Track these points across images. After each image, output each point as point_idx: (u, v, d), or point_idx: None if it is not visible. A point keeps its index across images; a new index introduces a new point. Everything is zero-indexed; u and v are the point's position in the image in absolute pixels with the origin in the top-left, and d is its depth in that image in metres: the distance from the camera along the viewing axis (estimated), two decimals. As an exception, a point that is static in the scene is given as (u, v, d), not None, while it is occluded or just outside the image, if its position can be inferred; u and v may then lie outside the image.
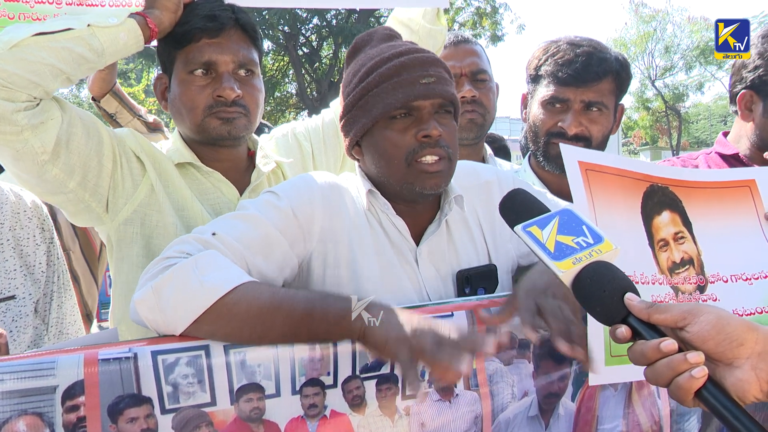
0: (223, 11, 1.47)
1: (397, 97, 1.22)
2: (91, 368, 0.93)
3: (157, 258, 1.09)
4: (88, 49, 1.34)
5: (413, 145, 1.22)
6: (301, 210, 1.22)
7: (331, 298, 1.02)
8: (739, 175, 1.49)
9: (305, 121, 1.82)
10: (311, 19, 18.40)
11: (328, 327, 1.00)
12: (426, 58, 1.26)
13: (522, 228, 0.93)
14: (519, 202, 1.01)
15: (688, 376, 0.75)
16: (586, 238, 0.89)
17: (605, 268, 0.86)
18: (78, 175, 1.37)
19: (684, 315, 0.80)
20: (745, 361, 0.78)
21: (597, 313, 0.87)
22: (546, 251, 0.89)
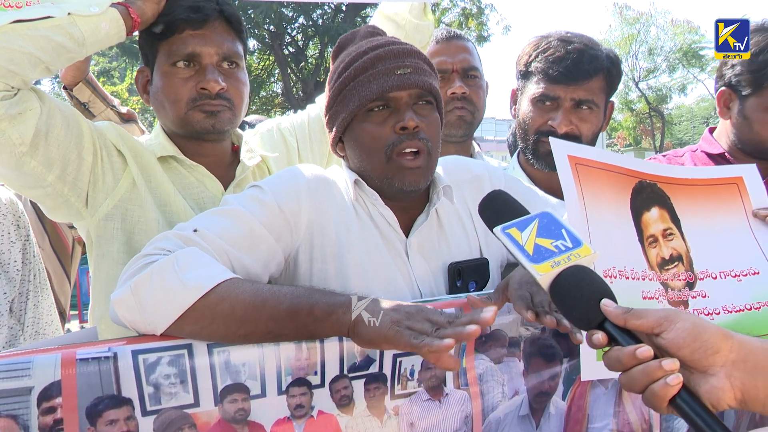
0: (207, 2, 1.44)
1: (372, 89, 1.20)
2: (68, 369, 0.90)
3: (137, 255, 1.06)
4: (68, 38, 1.30)
5: (391, 137, 1.20)
6: (286, 203, 1.19)
7: (318, 294, 0.99)
8: (727, 172, 1.49)
9: (290, 116, 1.80)
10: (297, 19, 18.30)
11: (315, 323, 0.96)
12: (402, 49, 1.24)
13: (501, 229, 0.93)
14: (499, 204, 1.01)
15: (662, 383, 0.76)
16: (565, 242, 0.89)
17: (583, 273, 0.86)
18: (57, 168, 1.34)
19: (660, 321, 0.80)
20: (720, 369, 0.78)
21: (573, 317, 0.86)
22: (524, 253, 0.89)
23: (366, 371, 1.05)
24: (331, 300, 0.97)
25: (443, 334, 0.87)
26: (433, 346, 0.85)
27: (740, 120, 1.77)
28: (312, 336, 0.99)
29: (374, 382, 1.05)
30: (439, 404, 1.09)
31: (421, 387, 1.08)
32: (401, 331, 0.90)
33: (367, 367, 1.05)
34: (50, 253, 1.88)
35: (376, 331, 0.92)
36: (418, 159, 1.20)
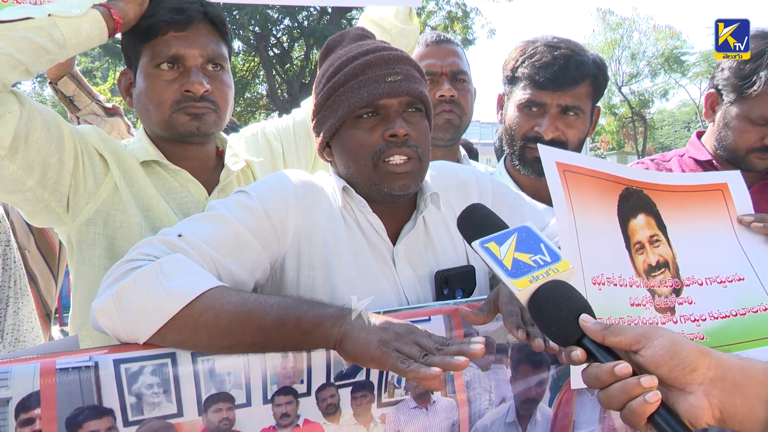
0: (191, 4, 1.42)
1: (362, 95, 1.19)
2: (47, 378, 0.87)
3: (119, 261, 1.03)
4: (49, 39, 1.28)
5: (380, 144, 1.19)
6: (273, 209, 1.18)
7: (305, 305, 0.97)
8: (712, 178, 1.50)
9: (275, 120, 1.79)
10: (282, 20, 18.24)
11: (303, 336, 0.94)
12: (393, 55, 1.23)
13: (480, 244, 0.92)
14: (478, 217, 1.00)
15: (641, 401, 0.75)
16: (544, 257, 0.89)
17: (562, 288, 0.86)
18: (37, 172, 1.31)
19: (638, 338, 0.80)
20: (698, 386, 0.78)
21: (552, 333, 0.86)
22: (503, 268, 0.88)
23: (353, 379, 1.03)
24: (319, 312, 0.95)
25: (431, 362, 0.84)
26: (419, 373, 0.83)
27: (721, 125, 1.79)
28: (298, 348, 0.97)
29: (361, 390, 1.04)
30: (426, 412, 1.08)
31: (408, 395, 1.07)
32: (388, 352, 0.88)
33: (354, 375, 1.03)
34: (36, 255, 1.85)
35: (363, 349, 0.90)
36: (407, 164, 1.19)
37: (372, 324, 0.93)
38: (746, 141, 1.73)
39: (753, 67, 1.69)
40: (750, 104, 1.70)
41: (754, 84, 1.67)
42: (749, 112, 1.71)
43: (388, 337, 0.90)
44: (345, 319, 0.94)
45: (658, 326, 0.83)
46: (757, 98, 1.68)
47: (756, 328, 1.31)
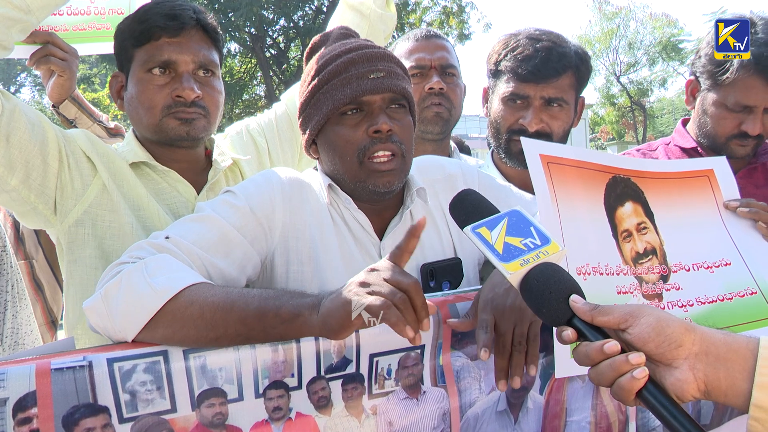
0: (184, 11, 1.44)
1: (345, 92, 1.21)
2: (43, 378, 0.89)
3: (111, 264, 1.06)
4: (12, 7, 1.29)
5: (364, 141, 1.21)
6: (260, 207, 1.20)
7: (286, 296, 0.98)
8: (698, 165, 1.51)
9: (258, 116, 1.81)
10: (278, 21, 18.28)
11: (283, 325, 0.96)
12: (375, 53, 1.25)
13: (471, 229, 0.94)
14: (469, 203, 1.02)
15: (629, 377, 0.78)
16: (534, 240, 0.91)
17: (552, 270, 0.87)
18: (20, 172, 1.33)
19: (625, 317, 0.83)
20: (683, 361, 0.80)
21: (543, 314, 0.88)
22: (494, 252, 0.90)
23: (343, 372, 1.05)
24: (298, 302, 0.96)
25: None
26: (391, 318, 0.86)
27: (700, 112, 1.81)
28: (283, 338, 0.99)
29: (351, 382, 1.06)
30: (417, 402, 1.10)
31: (399, 386, 1.09)
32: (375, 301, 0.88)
33: (344, 367, 1.05)
34: (44, 265, 1.88)
35: (341, 316, 0.90)
36: (391, 162, 1.21)
37: (339, 291, 0.93)
38: (724, 128, 1.75)
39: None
40: (725, 91, 1.72)
41: (728, 71, 1.69)
42: (725, 99, 1.72)
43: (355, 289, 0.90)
44: (321, 304, 0.95)
45: (644, 305, 0.85)
46: (731, 85, 1.70)
47: (743, 311, 1.32)
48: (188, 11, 1.45)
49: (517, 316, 1.04)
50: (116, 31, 1.50)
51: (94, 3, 1.84)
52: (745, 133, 1.72)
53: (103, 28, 1.85)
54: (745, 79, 1.68)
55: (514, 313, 1.04)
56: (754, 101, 1.69)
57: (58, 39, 1.71)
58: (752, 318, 1.31)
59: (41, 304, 1.71)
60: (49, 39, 1.69)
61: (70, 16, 1.81)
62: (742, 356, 0.79)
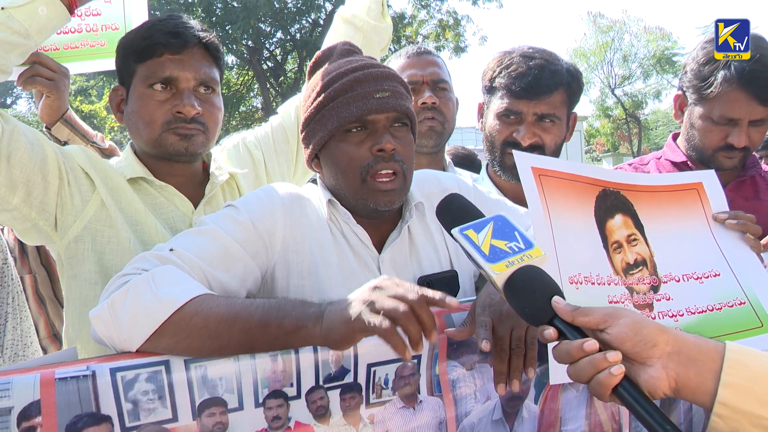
0: (187, 29, 1.47)
1: (351, 111, 1.24)
2: (47, 388, 0.91)
3: (115, 275, 1.08)
4: (11, 32, 1.31)
5: (368, 158, 1.24)
6: (261, 221, 1.22)
7: (288, 306, 1.01)
8: (687, 178, 1.54)
9: (255, 129, 1.83)
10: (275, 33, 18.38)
11: (286, 336, 0.99)
12: (381, 72, 1.28)
13: (459, 231, 0.97)
14: (456, 207, 1.05)
15: (607, 374, 0.83)
16: (518, 244, 0.94)
17: (535, 272, 0.91)
18: (21, 191, 1.35)
19: (604, 318, 0.88)
20: (657, 360, 0.85)
21: (526, 313, 0.92)
22: (481, 253, 0.93)
23: (341, 381, 1.07)
24: (300, 313, 0.99)
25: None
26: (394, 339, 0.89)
27: (688, 125, 1.85)
28: (285, 347, 1.01)
29: (349, 391, 1.08)
30: (414, 411, 1.12)
31: (396, 395, 1.11)
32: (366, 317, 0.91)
33: (342, 377, 1.07)
34: (45, 280, 1.89)
35: (346, 329, 0.93)
36: (393, 181, 1.24)
37: (343, 304, 0.97)
38: (710, 140, 1.78)
39: (711, 69, 1.74)
40: (710, 104, 1.75)
41: (712, 85, 1.72)
42: (710, 112, 1.76)
43: (361, 303, 0.94)
44: (324, 315, 0.98)
45: (622, 307, 0.90)
46: (716, 99, 1.73)
47: (731, 321, 1.35)
48: (191, 29, 1.48)
49: (514, 320, 1.07)
50: (118, 45, 1.52)
51: (85, 21, 1.82)
52: (731, 146, 1.76)
53: (98, 45, 1.84)
54: (729, 93, 1.71)
55: (511, 318, 1.07)
56: (738, 114, 1.72)
57: (45, 58, 1.70)
58: (741, 328, 1.34)
59: (44, 318, 1.73)
60: (35, 59, 1.68)
61: (60, 35, 1.77)
62: (711, 358, 0.84)
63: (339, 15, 1.84)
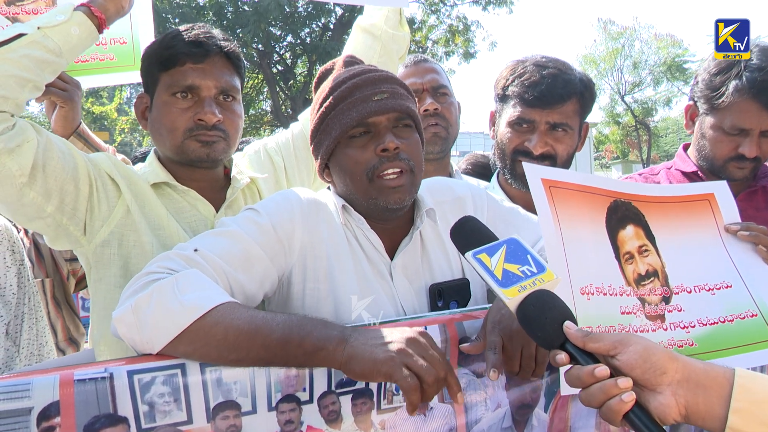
0: (209, 38, 1.51)
1: (351, 115, 1.26)
2: (66, 389, 0.93)
3: (139, 273, 1.10)
4: (46, 50, 1.35)
5: (373, 160, 1.25)
6: (281, 225, 1.24)
7: (310, 325, 1.01)
8: (699, 189, 1.54)
9: (275, 136, 1.86)
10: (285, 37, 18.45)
11: (305, 356, 1.00)
12: (378, 76, 1.30)
13: (472, 255, 0.99)
14: (469, 229, 1.07)
15: (618, 400, 0.85)
16: (531, 267, 0.96)
17: (548, 297, 0.93)
18: (56, 199, 1.38)
19: (615, 345, 0.89)
20: (667, 387, 0.87)
21: (538, 337, 0.94)
22: (494, 278, 0.95)
23: (353, 387, 1.08)
24: (322, 335, 1.00)
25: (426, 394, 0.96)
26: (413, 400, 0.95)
27: (699, 135, 1.85)
28: (302, 366, 1.02)
29: (361, 397, 1.09)
30: (425, 418, 1.13)
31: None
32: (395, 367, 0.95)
33: (354, 383, 1.08)
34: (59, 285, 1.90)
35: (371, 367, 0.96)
36: (400, 177, 1.26)
37: (374, 340, 0.99)
38: (721, 150, 1.79)
39: (722, 79, 1.75)
40: (721, 114, 1.76)
41: (723, 95, 1.73)
42: (721, 122, 1.76)
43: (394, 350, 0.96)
44: (347, 341, 0.99)
45: (632, 333, 0.92)
46: (727, 109, 1.74)
47: (743, 334, 1.34)
48: (213, 39, 1.51)
49: (524, 339, 1.08)
50: (143, 55, 1.56)
51: None
52: (742, 156, 1.76)
53: (107, 58, 1.87)
54: (740, 103, 1.72)
55: (521, 336, 1.07)
56: (750, 124, 1.73)
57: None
58: (753, 340, 1.34)
59: (61, 321, 1.75)
60: None
61: None
62: (720, 384, 0.86)
63: (358, 25, 1.86)
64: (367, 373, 0.97)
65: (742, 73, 1.70)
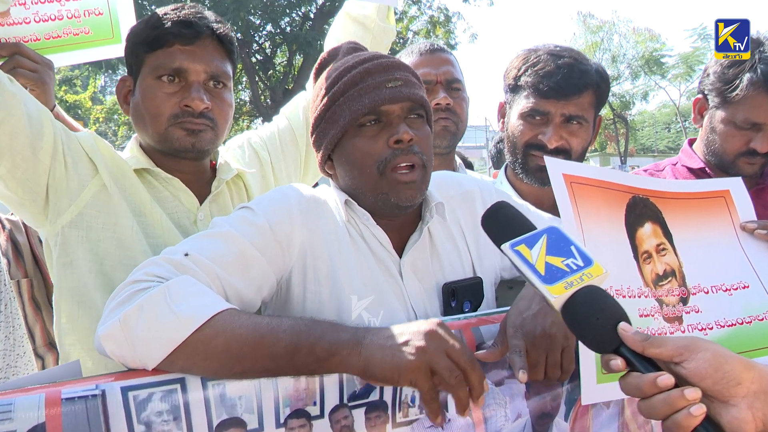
0: (200, 19, 1.41)
1: (363, 102, 1.17)
2: (53, 409, 0.84)
3: (124, 282, 1.01)
4: None
5: (385, 152, 1.17)
6: (279, 224, 1.15)
7: (319, 329, 0.94)
8: (714, 185, 1.50)
9: (259, 130, 1.78)
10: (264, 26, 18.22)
11: (317, 363, 0.92)
12: (391, 62, 1.22)
13: (510, 246, 0.88)
14: (503, 217, 0.97)
15: (686, 413, 0.75)
16: (576, 260, 0.86)
17: (597, 294, 0.83)
18: (7, 160, 1.29)
19: (680, 351, 0.80)
20: (742, 399, 0.78)
21: (588, 340, 0.84)
22: (536, 273, 0.85)
23: (366, 399, 1.01)
24: (334, 338, 0.93)
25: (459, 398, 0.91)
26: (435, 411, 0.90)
27: (709, 129, 1.80)
28: (314, 374, 0.95)
29: (375, 410, 1.02)
30: (442, 431, 1.06)
31: (423, 414, 1.05)
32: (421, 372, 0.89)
33: (368, 395, 1.01)
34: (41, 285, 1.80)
35: (393, 370, 0.89)
36: (413, 173, 1.17)
37: (391, 340, 0.92)
38: (732, 145, 1.75)
39: (736, 72, 1.70)
40: (734, 108, 1.71)
41: (737, 88, 1.69)
42: (734, 116, 1.72)
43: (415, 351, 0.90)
44: (362, 344, 0.92)
45: (699, 338, 0.83)
46: (740, 102, 1.69)
47: (762, 335, 1.31)
48: (205, 20, 1.42)
49: (548, 344, 1.01)
50: (128, 34, 1.46)
51: (65, 6, 1.69)
52: (753, 151, 1.72)
53: (81, 32, 1.72)
54: (755, 97, 1.68)
55: (545, 341, 1.00)
56: (764, 118, 1.69)
57: (26, 49, 1.60)
58: (772, 343, 1.30)
59: (41, 324, 1.63)
60: (16, 50, 1.58)
61: (39, 23, 1.65)
62: None
63: (347, 14, 1.79)
64: (389, 379, 0.90)
65: (757, 66, 1.65)
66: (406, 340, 0.91)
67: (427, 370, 0.88)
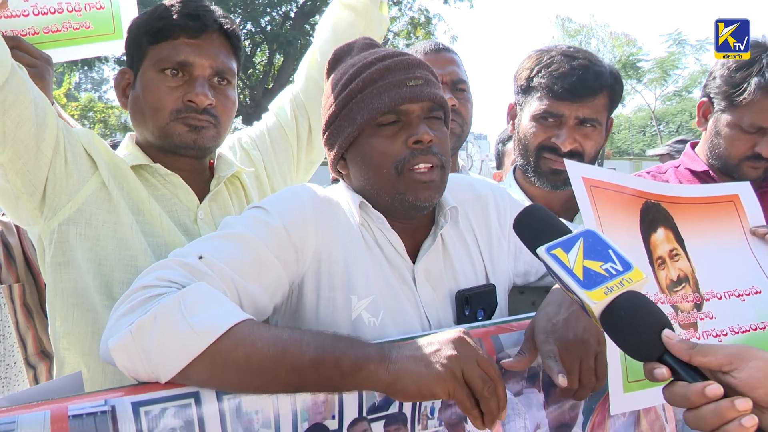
0: (207, 12, 1.36)
1: (383, 100, 1.13)
2: (59, 424, 0.78)
3: (133, 287, 0.95)
4: None
5: (403, 152, 1.13)
6: (294, 227, 1.10)
7: (344, 344, 0.90)
8: (723, 190, 1.48)
9: (248, 130, 1.73)
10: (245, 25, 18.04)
11: (342, 378, 0.88)
12: (411, 60, 1.18)
13: (546, 250, 0.85)
14: (537, 220, 0.93)
15: (737, 425, 0.73)
16: (615, 265, 0.83)
17: (639, 300, 0.80)
18: (9, 149, 1.23)
19: (730, 360, 0.77)
20: None
21: (631, 348, 0.81)
22: (575, 278, 0.82)
23: (386, 412, 0.97)
24: (360, 353, 0.89)
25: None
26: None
27: (713, 133, 1.80)
28: (337, 389, 0.91)
29: (394, 423, 0.98)
30: (463, 444, 1.02)
31: (442, 426, 1.02)
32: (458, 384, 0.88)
33: (387, 407, 0.97)
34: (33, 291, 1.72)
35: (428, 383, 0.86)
36: (432, 173, 1.14)
37: (419, 352, 0.89)
38: (737, 149, 1.74)
39: (743, 75, 1.69)
40: (740, 112, 1.71)
41: (744, 92, 1.68)
42: (740, 120, 1.71)
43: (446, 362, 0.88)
44: (390, 358, 0.88)
45: (749, 346, 0.80)
46: (747, 106, 1.68)
47: (777, 342, 1.30)
48: (212, 14, 1.36)
49: (582, 350, 0.98)
50: (130, 25, 1.41)
51: None
52: (758, 155, 1.72)
53: (82, 27, 1.65)
54: (762, 101, 1.67)
55: (578, 347, 0.98)
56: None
57: (25, 44, 1.54)
58: (787, 349, 1.28)
59: (32, 332, 1.56)
60: (13, 44, 1.50)
61: (38, 16, 1.60)
62: None
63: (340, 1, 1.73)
64: (423, 394, 0.88)
65: (765, 70, 1.65)
66: (436, 350, 0.88)
67: (461, 378, 0.86)
